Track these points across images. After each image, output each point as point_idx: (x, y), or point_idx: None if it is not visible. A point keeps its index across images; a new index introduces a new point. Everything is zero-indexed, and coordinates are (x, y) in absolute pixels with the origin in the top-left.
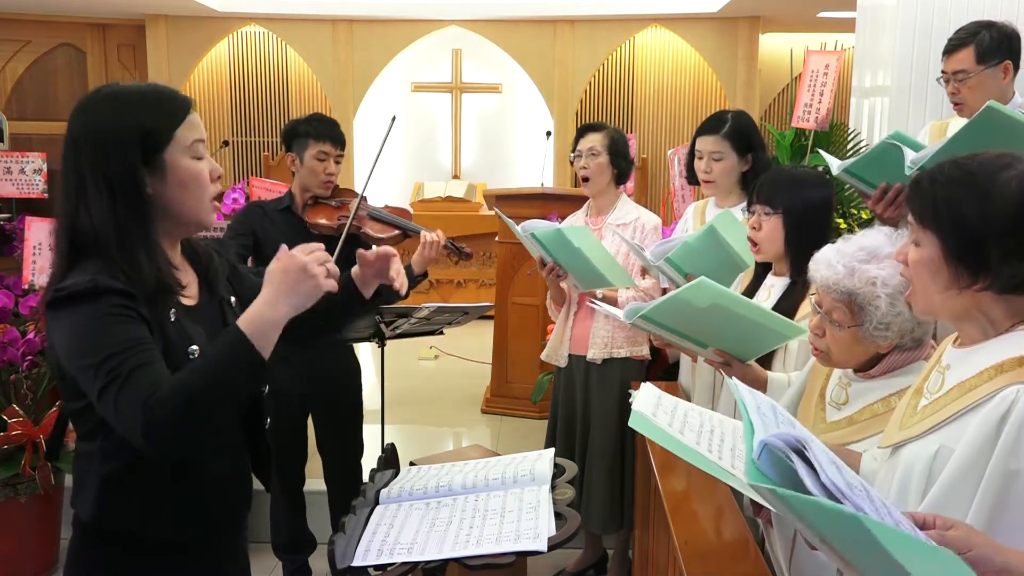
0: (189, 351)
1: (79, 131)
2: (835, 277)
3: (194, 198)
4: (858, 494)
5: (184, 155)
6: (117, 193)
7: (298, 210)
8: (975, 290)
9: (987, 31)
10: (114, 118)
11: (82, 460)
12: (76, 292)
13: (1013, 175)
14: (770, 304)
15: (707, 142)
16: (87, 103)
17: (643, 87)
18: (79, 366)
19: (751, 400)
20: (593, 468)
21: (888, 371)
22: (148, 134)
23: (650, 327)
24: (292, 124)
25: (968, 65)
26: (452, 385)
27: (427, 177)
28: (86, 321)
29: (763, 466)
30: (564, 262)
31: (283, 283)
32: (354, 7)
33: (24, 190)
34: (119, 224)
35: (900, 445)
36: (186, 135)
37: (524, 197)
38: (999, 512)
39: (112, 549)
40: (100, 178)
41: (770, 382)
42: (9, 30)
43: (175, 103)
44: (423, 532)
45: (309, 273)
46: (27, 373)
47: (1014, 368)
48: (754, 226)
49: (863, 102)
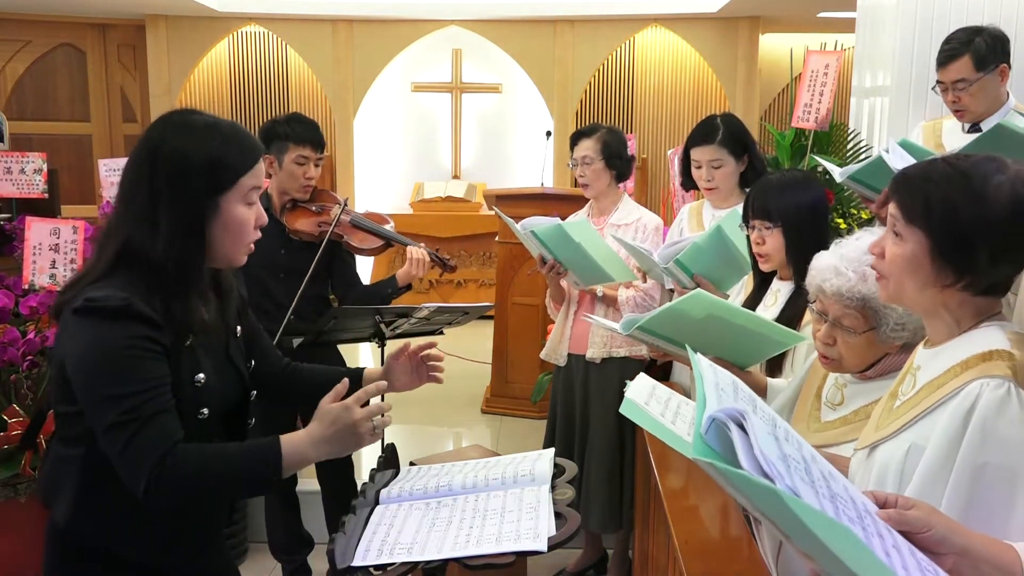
0: (196, 379)
1: (163, 145)
2: (848, 284)
3: (233, 243)
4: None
5: (239, 202)
6: (187, 225)
7: (276, 212)
8: (955, 288)
9: (979, 37)
10: (195, 145)
11: (60, 463)
12: (108, 309)
13: (1005, 179)
14: (778, 308)
15: (704, 152)
16: (176, 122)
17: (643, 87)
18: (93, 391)
19: (711, 375)
20: (593, 468)
21: (884, 373)
22: (220, 173)
23: (647, 337)
24: (271, 124)
25: (967, 73)
26: (452, 385)
27: (427, 177)
28: (110, 346)
29: (710, 439)
30: (564, 259)
31: (329, 431)
32: (354, 7)
33: (24, 190)
34: (183, 255)
35: (875, 446)
36: (247, 182)
37: (524, 197)
38: (970, 505)
39: (88, 563)
40: (176, 203)
41: (770, 388)
42: (9, 30)
43: (253, 151)
44: (423, 532)
45: (356, 433)
46: (27, 373)
47: (978, 364)
48: (758, 241)
49: (863, 102)
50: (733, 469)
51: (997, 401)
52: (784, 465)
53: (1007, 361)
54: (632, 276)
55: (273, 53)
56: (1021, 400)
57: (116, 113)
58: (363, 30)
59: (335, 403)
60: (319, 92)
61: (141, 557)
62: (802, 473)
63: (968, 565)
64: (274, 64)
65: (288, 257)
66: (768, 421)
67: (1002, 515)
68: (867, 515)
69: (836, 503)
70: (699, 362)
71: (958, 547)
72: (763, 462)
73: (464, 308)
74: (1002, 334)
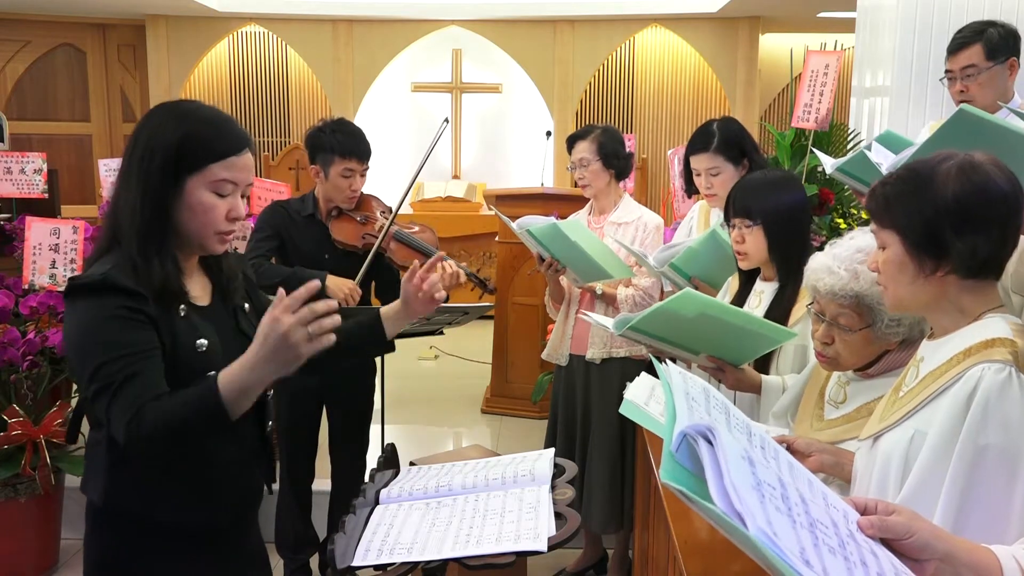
0: (198, 344)
1: (143, 126)
2: (841, 283)
3: (198, 226)
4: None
5: (205, 188)
6: (147, 194)
7: (323, 218)
8: (940, 276)
9: (993, 28)
10: (171, 127)
11: (92, 448)
12: (86, 284)
13: (952, 164)
14: (763, 309)
15: (701, 160)
16: (166, 105)
17: (643, 87)
18: (77, 363)
19: (679, 383)
20: (593, 468)
21: (886, 370)
22: (185, 155)
23: (640, 337)
24: (316, 134)
25: (978, 60)
26: (452, 385)
27: (427, 177)
28: (89, 319)
29: (682, 459)
30: (562, 256)
31: (263, 348)
32: (354, 7)
33: (24, 190)
34: (143, 222)
35: (879, 435)
36: (218, 172)
37: (524, 197)
38: (971, 487)
39: (126, 533)
40: (141, 174)
41: (764, 385)
42: (9, 30)
43: (233, 143)
44: (423, 532)
45: (290, 342)
46: (27, 373)
47: (981, 350)
48: (737, 240)
49: (863, 102)
50: (706, 503)
51: (999, 384)
52: (757, 496)
53: (1009, 348)
54: (630, 273)
55: (273, 53)
56: (1022, 383)
57: (116, 113)
58: (363, 30)
59: (264, 318)
60: (319, 92)
61: (169, 518)
62: (777, 501)
63: (950, 571)
64: (274, 64)
65: (332, 262)
66: (742, 431)
67: (1003, 497)
68: (850, 540)
69: (815, 531)
70: (666, 370)
71: (940, 553)
72: (734, 497)
73: (464, 308)
74: (1005, 324)
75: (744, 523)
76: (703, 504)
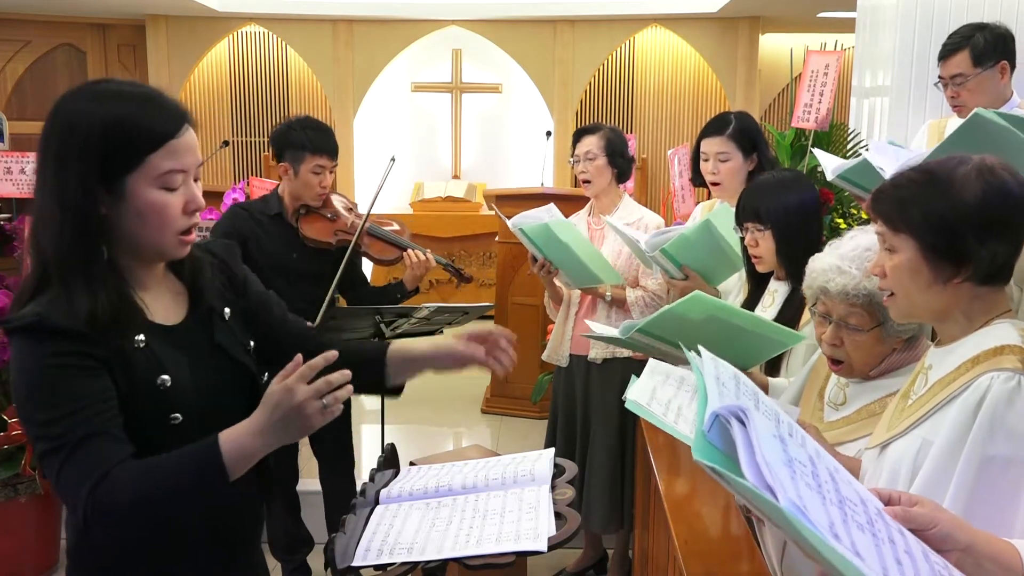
0: (160, 381)
1: (53, 122)
2: (853, 282)
3: (153, 231)
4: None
5: (151, 185)
6: (66, 210)
7: (288, 217)
8: (956, 283)
9: (980, 33)
10: (89, 117)
11: None
12: (21, 328)
13: (970, 167)
14: (775, 309)
15: (713, 143)
16: (73, 92)
17: (643, 87)
18: (22, 414)
19: (711, 368)
20: (593, 468)
21: (886, 372)
22: (115, 150)
23: (645, 340)
24: (285, 131)
25: (965, 68)
26: (452, 385)
27: (427, 177)
28: (31, 368)
29: (713, 437)
30: (554, 258)
31: (273, 415)
32: (354, 7)
33: (24, 190)
34: (63, 247)
35: (887, 444)
36: (161, 163)
37: (524, 197)
38: (976, 497)
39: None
40: (59, 184)
41: (772, 388)
42: (9, 30)
43: (160, 121)
44: (423, 532)
45: (303, 415)
46: None
47: (989, 358)
48: (751, 244)
49: (863, 102)
50: (736, 478)
51: (1007, 393)
52: (788, 471)
53: (1018, 355)
54: (619, 279)
55: (273, 53)
56: None
57: None
58: (363, 30)
59: (276, 384)
60: (319, 92)
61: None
62: (808, 478)
63: (971, 562)
64: (274, 64)
65: (300, 261)
66: (771, 417)
67: (1009, 508)
68: (879, 518)
69: (844, 508)
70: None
71: (962, 543)
72: (765, 471)
73: (464, 308)
74: (1014, 330)
75: (775, 496)
76: (734, 479)
